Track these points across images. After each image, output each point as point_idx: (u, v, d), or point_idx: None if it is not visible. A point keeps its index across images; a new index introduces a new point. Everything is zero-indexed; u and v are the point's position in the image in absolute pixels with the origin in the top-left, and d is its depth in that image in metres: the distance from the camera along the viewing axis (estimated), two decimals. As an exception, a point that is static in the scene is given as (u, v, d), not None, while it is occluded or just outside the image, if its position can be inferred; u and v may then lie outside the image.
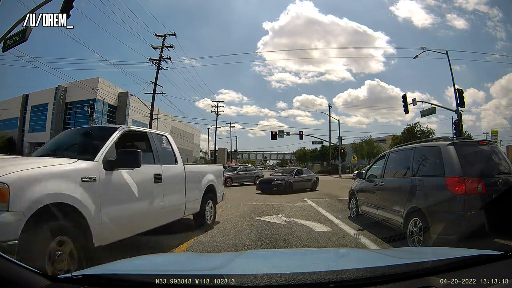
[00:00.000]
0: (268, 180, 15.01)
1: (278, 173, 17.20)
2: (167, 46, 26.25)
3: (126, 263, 1.96)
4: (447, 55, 21.12)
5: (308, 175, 16.86)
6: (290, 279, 1.28)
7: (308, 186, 16.05)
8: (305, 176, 16.31)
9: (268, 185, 14.33)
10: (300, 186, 15.13)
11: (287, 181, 14.43)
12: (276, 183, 14.19)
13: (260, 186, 14.84)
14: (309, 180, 16.37)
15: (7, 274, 1.13)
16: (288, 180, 14.56)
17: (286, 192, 13.71)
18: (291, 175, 15.33)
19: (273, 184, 14.17)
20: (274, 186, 14.07)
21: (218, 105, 46.90)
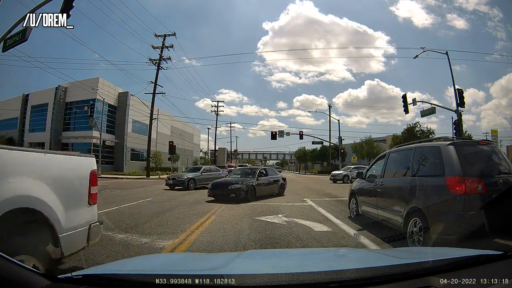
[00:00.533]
0: (224, 184, 11.35)
1: (236, 174, 13.50)
2: (167, 46, 26.29)
3: (126, 263, 1.96)
4: (447, 55, 21.15)
5: (274, 176, 13.46)
6: (290, 279, 1.28)
7: (275, 190, 12.88)
8: (270, 177, 13.02)
9: (223, 190, 10.89)
10: (265, 191, 12.08)
11: (248, 185, 11.02)
12: (235, 187, 10.75)
13: (213, 191, 11.20)
14: (275, 182, 13.09)
15: (7, 274, 1.13)
16: (249, 184, 11.12)
17: (247, 199, 10.55)
18: (253, 176, 11.98)
19: (230, 188, 10.75)
20: (231, 191, 10.65)
21: (218, 105, 46.96)
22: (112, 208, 8.53)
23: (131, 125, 41.22)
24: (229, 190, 10.72)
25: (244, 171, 13.65)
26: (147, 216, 7.38)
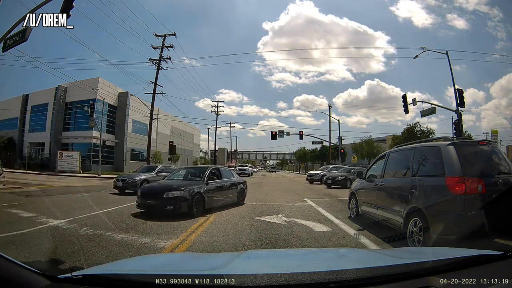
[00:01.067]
0: (157, 191, 7.82)
1: (178, 176, 9.66)
2: (167, 46, 26.26)
3: (126, 263, 1.96)
4: (447, 55, 21.12)
5: (231, 180, 9.75)
6: (290, 279, 1.28)
7: (232, 198, 9.34)
8: (226, 181, 9.36)
9: (157, 199, 7.46)
10: (219, 200, 8.68)
11: (193, 192, 7.63)
12: (173, 195, 7.36)
13: (141, 201, 7.71)
14: (233, 188, 9.50)
15: (7, 274, 1.13)
16: (195, 190, 7.73)
17: (191, 213, 7.26)
18: (201, 179, 8.45)
19: (166, 198, 7.33)
20: (167, 202, 7.27)
21: (218, 105, 46.94)
22: (112, 208, 8.53)
23: (131, 125, 41.19)
24: (165, 200, 7.23)
25: (189, 171, 9.78)
26: (147, 216, 7.37)
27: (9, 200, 9.86)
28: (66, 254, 4.09)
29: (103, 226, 6.05)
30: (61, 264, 3.51)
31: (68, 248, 4.48)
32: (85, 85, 31.02)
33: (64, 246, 4.59)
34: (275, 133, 34.49)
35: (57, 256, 4.07)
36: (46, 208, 8.19)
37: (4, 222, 6.31)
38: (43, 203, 9.19)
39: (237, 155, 73.54)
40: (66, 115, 38.30)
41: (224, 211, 8.26)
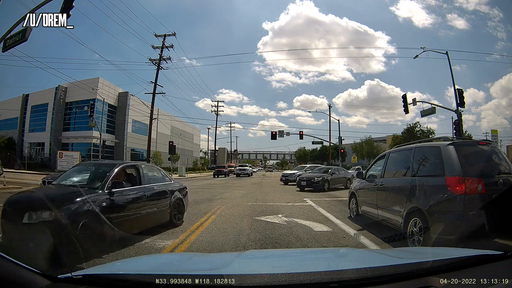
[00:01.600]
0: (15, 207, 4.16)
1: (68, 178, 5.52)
2: (167, 46, 26.27)
3: (126, 263, 1.96)
4: (447, 55, 21.13)
5: (160, 186, 6.05)
6: (290, 279, 1.28)
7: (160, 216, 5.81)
8: (148, 189, 5.58)
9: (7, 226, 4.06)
10: (133, 223, 5.02)
11: (78, 211, 4.11)
12: (39, 218, 3.84)
13: None
14: (162, 199, 5.88)
15: (7, 274, 1.13)
16: (83, 208, 4.16)
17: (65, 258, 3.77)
18: (102, 184, 4.72)
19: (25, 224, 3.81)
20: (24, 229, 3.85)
21: (218, 105, 46.97)
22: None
23: (131, 125, 41.21)
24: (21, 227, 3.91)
25: (86, 168, 6.16)
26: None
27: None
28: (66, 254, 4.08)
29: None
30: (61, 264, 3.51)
31: (68, 248, 4.47)
32: (85, 85, 31.03)
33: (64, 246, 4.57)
34: (275, 133, 34.48)
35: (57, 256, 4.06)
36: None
37: (4, 222, 6.29)
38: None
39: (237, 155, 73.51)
40: (66, 115, 38.31)
41: (224, 211, 8.25)
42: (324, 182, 15.54)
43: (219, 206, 9.25)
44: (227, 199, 11.41)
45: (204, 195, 12.69)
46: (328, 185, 15.82)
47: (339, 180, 17.22)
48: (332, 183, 16.16)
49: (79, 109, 35.71)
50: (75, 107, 37.19)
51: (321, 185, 15.34)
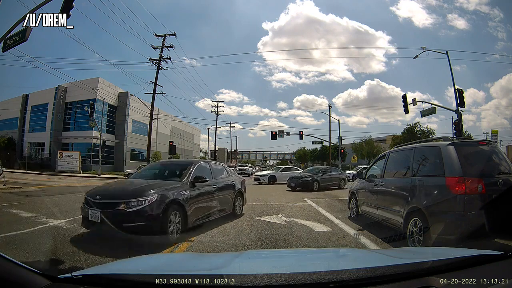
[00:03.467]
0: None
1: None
2: (167, 46, 26.24)
3: (126, 263, 1.96)
4: (447, 55, 21.13)
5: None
6: (290, 279, 1.28)
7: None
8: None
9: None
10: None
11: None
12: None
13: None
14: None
15: (7, 274, 1.13)
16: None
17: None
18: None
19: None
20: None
21: (218, 105, 46.91)
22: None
23: (131, 125, 41.20)
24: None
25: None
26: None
27: (9, 200, 9.85)
28: (66, 254, 4.08)
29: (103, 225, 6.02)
30: (61, 264, 3.51)
31: (68, 248, 4.48)
32: (85, 85, 31.03)
33: (64, 246, 4.59)
34: (275, 133, 34.46)
35: (57, 256, 4.07)
36: (46, 208, 8.18)
37: (4, 222, 6.31)
38: (43, 203, 9.18)
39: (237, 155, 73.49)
40: (66, 115, 38.31)
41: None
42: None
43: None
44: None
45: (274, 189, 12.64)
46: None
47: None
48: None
49: (79, 109, 35.72)
50: (75, 107, 37.19)
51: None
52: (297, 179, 15.91)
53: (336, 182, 17.34)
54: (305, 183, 15.49)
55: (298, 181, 15.78)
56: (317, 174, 16.54)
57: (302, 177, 15.97)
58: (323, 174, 16.75)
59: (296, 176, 16.75)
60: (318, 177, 16.07)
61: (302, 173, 17.63)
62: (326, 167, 19.81)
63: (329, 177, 17.05)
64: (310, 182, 15.49)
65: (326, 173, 17.11)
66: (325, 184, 16.48)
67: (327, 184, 16.68)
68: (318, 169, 17.77)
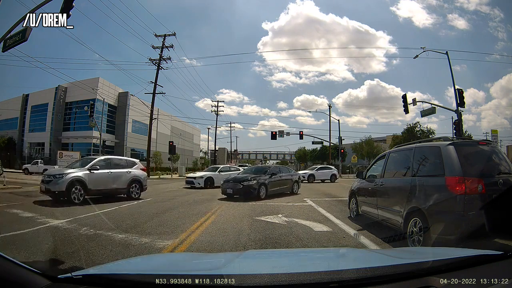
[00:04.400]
0: None
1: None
2: (167, 46, 26.29)
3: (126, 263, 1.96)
4: (447, 55, 21.17)
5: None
6: (290, 279, 1.28)
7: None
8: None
9: None
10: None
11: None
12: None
13: None
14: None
15: (7, 274, 1.13)
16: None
17: None
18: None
19: None
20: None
21: (218, 105, 46.94)
22: (112, 208, 8.52)
23: (131, 125, 41.25)
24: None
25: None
26: (147, 216, 7.38)
27: (9, 200, 9.86)
28: (66, 254, 4.08)
29: (103, 226, 6.05)
30: (61, 264, 3.51)
31: (68, 248, 4.48)
32: (85, 85, 31.07)
33: (64, 246, 4.59)
34: (275, 133, 34.51)
35: (57, 256, 4.07)
36: (46, 208, 8.19)
37: (4, 222, 6.31)
38: (43, 203, 9.19)
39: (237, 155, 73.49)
40: (66, 115, 38.36)
41: (224, 211, 8.26)
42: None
43: (219, 206, 9.26)
44: (227, 199, 11.41)
45: (204, 195, 12.69)
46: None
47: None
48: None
49: (79, 109, 35.77)
50: (75, 107, 37.24)
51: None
52: (236, 183, 11.49)
53: (289, 186, 13.35)
54: (246, 189, 11.21)
55: (237, 185, 11.40)
56: (262, 175, 12.07)
57: (244, 180, 11.45)
58: (272, 175, 12.32)
59: (234, 178, 12.24)
60: (266, 179, 11.84)
61: (242, 174, 13.01)
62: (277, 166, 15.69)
63: (280, 179, 12.85)
64: (254, 186, 11.27)
65: (276, 174, 12.78)
66: (275, 189, 12.31)
67: (278, 189, 12.53)
68: (264, 169, 13.33)
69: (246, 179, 11.62)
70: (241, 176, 12.54)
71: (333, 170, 27.36)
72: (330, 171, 27.00)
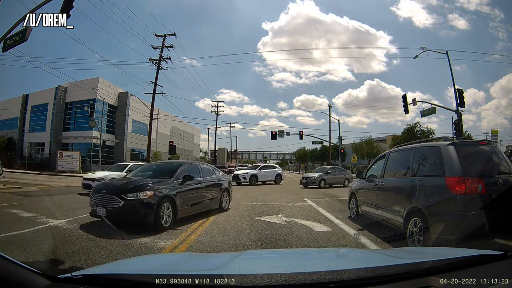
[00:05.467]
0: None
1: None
2: (167, 46, 26.23)
3: (126, 263, 1.96)
4: (447, 55, 21.13)
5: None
6: (290, 279, 1.28)
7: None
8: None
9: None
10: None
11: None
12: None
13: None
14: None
15: (7, 274, 1.13)
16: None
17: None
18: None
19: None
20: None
21: (218, 105, 46.89)
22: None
23: (131, 125, 41.22)
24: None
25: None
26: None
27: (9, 200, 9.85)
28: (66, 254, 4.08)
29: (103, 226, 6.04)
30: (61, 264, 3.51)
31: (68, 248, 4.48)
32: (85, 85, 31.03)
33: (64, 246, 4.59)
34: (275, 133, 34.46)
35: (57, 256, 4.07)
36: (46, 208, 8.18)
37: (4, 222, 6.31)
38: (43, 203, 9.19)
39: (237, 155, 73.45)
40: (66, 115, 38.33)
41: (224, 211, 8.25)
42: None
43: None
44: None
45: None
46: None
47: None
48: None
49: (79, 109, 35.74)
50: (75, 107, 37.21)
51: None
52: (111, 196, 5.78)
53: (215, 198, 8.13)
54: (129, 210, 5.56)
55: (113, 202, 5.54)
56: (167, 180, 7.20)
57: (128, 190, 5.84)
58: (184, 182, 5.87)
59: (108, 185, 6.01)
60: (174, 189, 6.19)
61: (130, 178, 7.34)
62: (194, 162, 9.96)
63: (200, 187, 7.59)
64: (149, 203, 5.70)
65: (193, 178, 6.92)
66: (191, 207, 6.98)
67: (196, 206, 7.23)
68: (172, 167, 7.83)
69: (134, 186, 6.03)
70: (126, 181, 6.75)
71: (278, 170, 23.10)
72: (274, 171, 22.54)
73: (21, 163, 31.71)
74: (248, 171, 21.65)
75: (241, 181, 20.61)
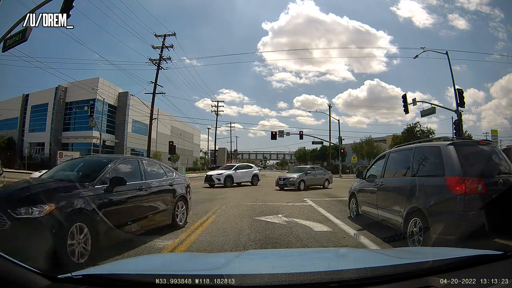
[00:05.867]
0: None
1: None
2: (167, 46, 26.25)
3: (126, 263, 1.96)
4: (447, 55, 21.15)
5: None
6: (290, 279, 1.28)
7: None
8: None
9: None
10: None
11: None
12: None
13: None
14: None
15: (7, 274, 1.13)
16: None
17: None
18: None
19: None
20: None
21: (218, 105, 46.93)
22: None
23: (131, 125, 41.25)
24: None
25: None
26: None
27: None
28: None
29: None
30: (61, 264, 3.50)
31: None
32: (85, 85, 31.06)
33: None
34: (275, 133, 34.48)
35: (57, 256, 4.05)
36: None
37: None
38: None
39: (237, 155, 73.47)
40: (66, 115, 38.36)
41: (224, 211, 8.25)
42: None
43: (219, 206, 9.26)
44: (227, 199, 11.42)
45: (204, 195, 12.68)
46: None
47: None
48: None
49: (79, 109, 35.78)
50: (75, 107, 37.24)
51: None
52: None
53: None
54: None
55: None
56: None
57: None
58: None
59: None
60: None
61: None
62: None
63: None
64: None
65: None
66: None
67: None
68: None
69: (29, 194, 3.82)
70: (26, 185, 4.45)
71: (254, 170, 20.92)
72: (251, 171, 20.27)
73: (21, 163, 31.71)
74: (223, 171, 19.22)
75: (214, 182, 18.19)
